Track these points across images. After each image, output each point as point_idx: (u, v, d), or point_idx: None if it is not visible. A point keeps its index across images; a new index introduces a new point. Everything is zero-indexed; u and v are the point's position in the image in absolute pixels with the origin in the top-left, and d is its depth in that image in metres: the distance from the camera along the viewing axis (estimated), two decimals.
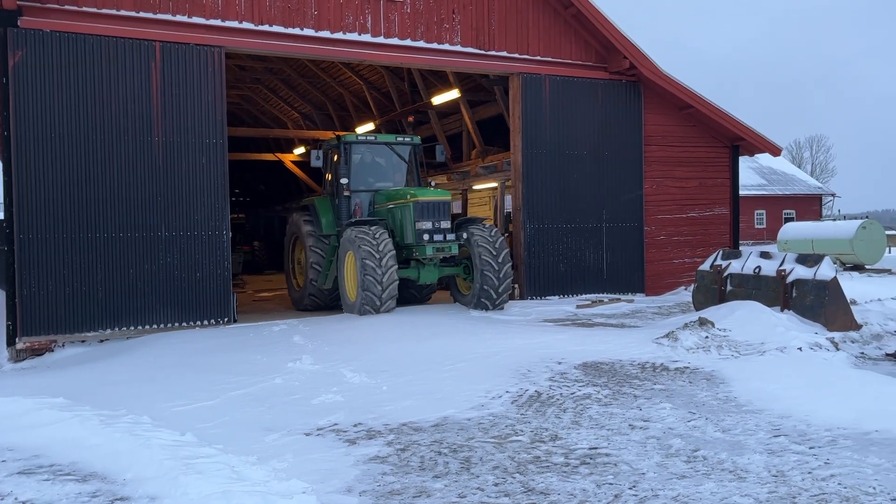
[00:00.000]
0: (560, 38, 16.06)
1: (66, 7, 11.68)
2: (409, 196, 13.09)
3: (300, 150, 31.17)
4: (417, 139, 14.80)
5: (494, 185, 22.46)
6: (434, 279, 13.44)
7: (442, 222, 12.83)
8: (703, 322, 10.49)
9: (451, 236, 12.88)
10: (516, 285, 15.86)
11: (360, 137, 14.20)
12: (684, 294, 16.57)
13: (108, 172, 12.03)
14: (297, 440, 6.70)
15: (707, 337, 10.12)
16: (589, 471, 5.70)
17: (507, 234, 20.24)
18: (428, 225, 12.74)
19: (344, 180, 13.93)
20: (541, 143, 15.91)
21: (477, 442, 6.51)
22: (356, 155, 14.29)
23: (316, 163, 13.47)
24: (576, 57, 16.26)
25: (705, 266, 12.84)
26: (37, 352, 11.55)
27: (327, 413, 7.63)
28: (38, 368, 10.93)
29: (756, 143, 18.04)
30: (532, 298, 15.62)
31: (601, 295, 16.24)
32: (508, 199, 22.14)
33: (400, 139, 14.50)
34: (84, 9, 11.79)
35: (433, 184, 14.29)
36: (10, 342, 11.49)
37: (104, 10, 11.92)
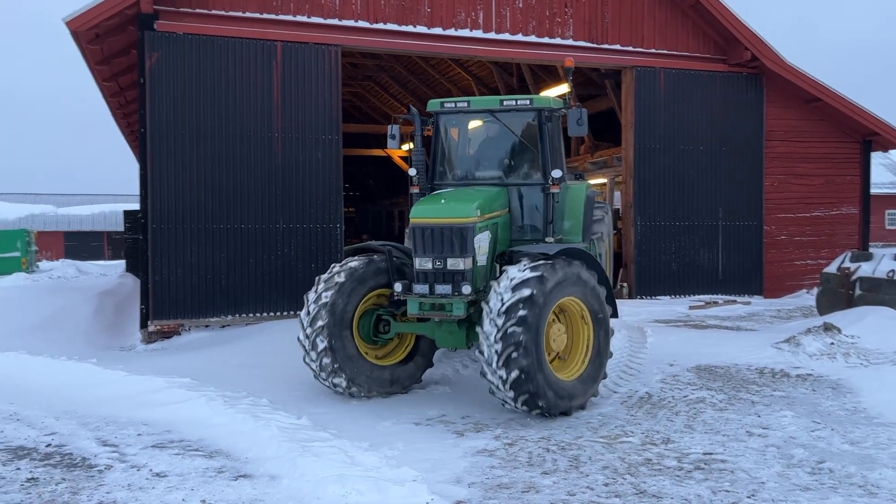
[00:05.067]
0: (677, 29, 15.54)
1: (197, 10, 12.38)
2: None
3: (408, 146, 31.69)
4: (548, 100, 8.74)
5: (604, 181, 22.01)
6: (457, 345, 8.17)
7: (449, 260, 7.59)
8: (828, 327, 9.92)
9: (444, 288, 7.63)
10: (625, 284, 15.53)
11: (445, 105, 8.88)
12: (806, 298, 15.69)
13: (232, 167, 12.67)
14: (407, 429, 6.85)
15: (833, 343, 9.55)
16: (703, 476, 5.52)
17: (616, 232, 19.84)
18: (426, 264, 7.69)
19: (412, 171, 9.05)
20: (654, 137, 15.47)
21: (586, 441, 6.43)
22: (442, 131, 9.10)
23: (392, 143, 9.17)
24: (693, 49, 15.69)
25: (831, 268, 12.12)
26: (166, 335, 12.34)
27: (436, 404, 7.76)
28: (168, 350, 11.69)
29: (892, 139, 16.81)
30: (641, 298, 15.24)
31: (715, 296, 15.63)
32: (618, 195, 21.67)
33: (509, 103, 8.62)
34: (213, 11, 12.45)
35: (579, 176, 9.63)
36: (143, 325, 12.33)
37: (231, 13, 12.55)
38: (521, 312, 6.87)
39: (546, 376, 6.97)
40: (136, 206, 25.39)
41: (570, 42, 14.68)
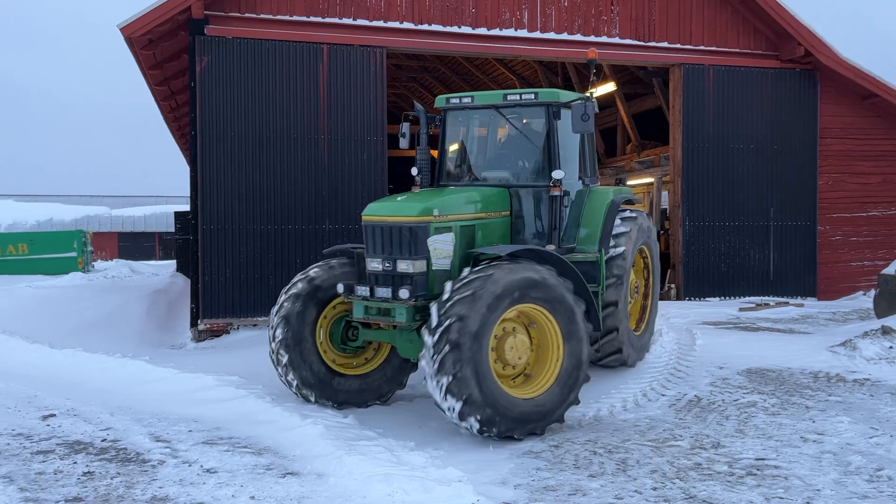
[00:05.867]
0: (726, 25, 15.22)
1: (246, 15, 12.59)
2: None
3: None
4: (556, 94, 8.02)
5: (650, 180, 21.72)
6: (418, 356, 6.88)
7: (398, 261, 6.98)
8: (886, 331, 9.59)
9: (385, 291, 7.00)
10: (673, 285, 15.27)
11: (451, 101, 8.51)
12: (863, 300, 15.20)
13: (279, 168, 12.85)
14: (451, 429, 6.84)
15: (891, 347, 9.24)
16: (756, 482, 5.39)
17: (663, 232, 19.56)
18: (376, 265, 7.16)
19: (413, 170, 8.74)
20: (702, 136, 15.19)
21: (633, 444, 6.34)
22: (449, 129, 8.69)
23: (403, 143, 8.74)
24: (743, 45, 15.34)
25: (889, 270, 11.74)
26: (215, 333, 12.58)
27: None
28: (217, 348, 11.91)
29: None
30: (690, 299, 14.97)
31: (767, 298, 15.25)
32: (665, 195, 21.34)
33: (514, 98, 8.08)
34: (261, 16, 12.65)
35: (620, 181, 9.23)
36: (193, 323, 12.60)
37: (279, 17, 12.72)
38: (451, 348, 6.06)
39: (492, 401, 6.20)
40: (186, 208, 25.94)
41: (616, 40, 14.51)
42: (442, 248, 7.11)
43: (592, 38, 14.36)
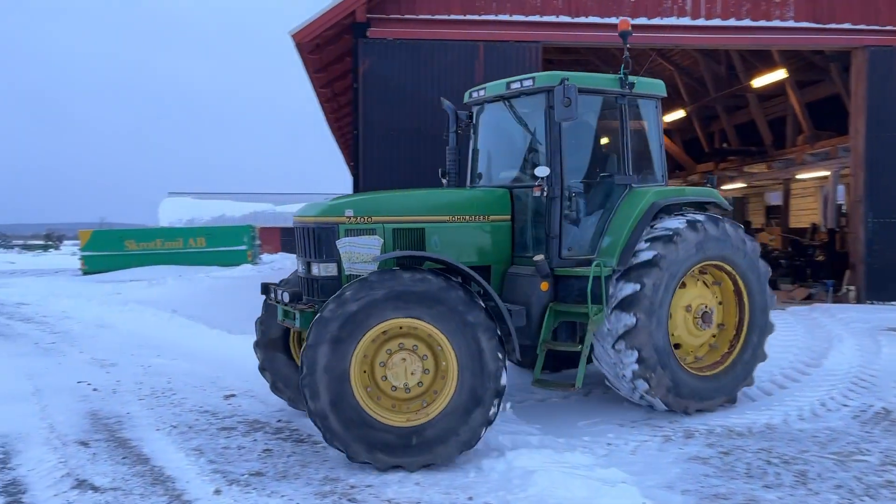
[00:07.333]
0: None
1: (406, 16, 12.96)
2: None
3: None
4: (557, 77, 6.63)
5: (825, 173, 20.12)
6: None
7: (312, 265, 6.36)
8: None
9: (285, 294, 6.58)
10: (852, 287, 14.03)
11: (473, 95, 7.83)
12: None
13: (436, 166, 13.07)
14: (611, 429, 6.68)
15: None
16: None
17: (838, 230, 18.07)
18: (301, 267, 6.66)
19: (440, 171, 8.46)
20: (890, 124, 13.83)
21: (812, 456, 5.89)
22: (479, 125, 8.02)
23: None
24: None
25: None
26: None
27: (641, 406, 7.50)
28: None
29: None
30: (872, 303, 13.70)
31: None
32: (841, 189, 19.69)
33: (516, 86, 7.15)
34: (420, 16, 12.97)
35: (709, 182, 8.01)
36: None
37: (436, 17, 13.00)
38: (310, 373, 5.37)
39: (356, 430, 5.41)
40: None
41: (790, 24, 13.53)
42: (356, 251, 6.26)
43: (762, 23, 13.51)
